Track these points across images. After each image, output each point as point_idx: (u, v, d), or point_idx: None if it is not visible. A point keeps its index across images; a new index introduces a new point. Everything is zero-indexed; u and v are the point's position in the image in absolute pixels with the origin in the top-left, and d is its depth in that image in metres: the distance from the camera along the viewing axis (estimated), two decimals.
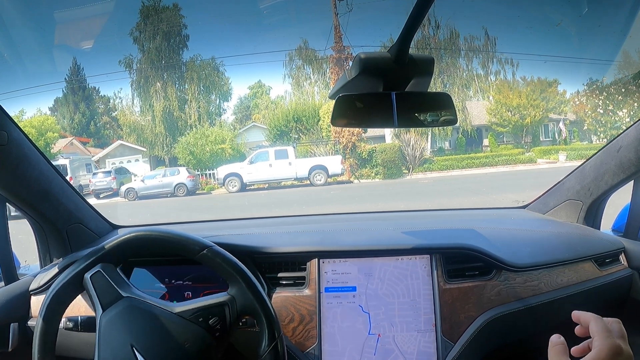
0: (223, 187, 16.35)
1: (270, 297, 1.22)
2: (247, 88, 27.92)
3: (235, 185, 16.03)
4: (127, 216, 11.31)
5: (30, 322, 1.25)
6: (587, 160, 1.55)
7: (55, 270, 1.30)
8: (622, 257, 1.43)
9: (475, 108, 20.53)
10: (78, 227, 1.48)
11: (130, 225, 1.75)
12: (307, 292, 1.23)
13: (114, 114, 25.94)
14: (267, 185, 16.45)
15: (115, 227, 1.68)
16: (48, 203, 1.35)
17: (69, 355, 1.20)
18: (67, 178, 1.31)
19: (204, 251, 1.00)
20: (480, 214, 2.06)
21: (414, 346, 1.19)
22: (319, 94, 21.51)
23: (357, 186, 15.98)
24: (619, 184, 1.43)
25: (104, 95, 27.40)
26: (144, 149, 21.23)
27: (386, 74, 0.88)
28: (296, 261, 1.27)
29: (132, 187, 16.12)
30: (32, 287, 1.29)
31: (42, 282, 1.28)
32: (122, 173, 18.13)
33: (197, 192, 16.62)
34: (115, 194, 16.51)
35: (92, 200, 13.53)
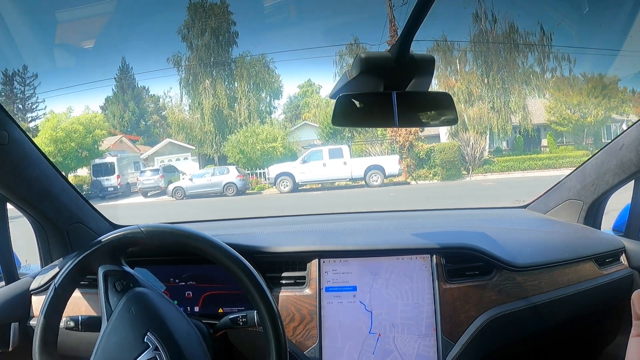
0: (274, 186, 15.74)
1: None
2: (297, 87, 27.77)
3: (287, 185, 15.41)
4: (174, 216, 11.22)
5: (31, 322, 1.25)
6: (588, 160, 1.55)
7: (56, 270, 1.31)
8: (622, 257, 1.44)
9: (533, 106, 19.63)
10: (79, 226, 1.48)
11: (130, 225, 1.69)
12: (307, 291, 1.23)
13: (163, 113, 25.97)
14: (320, 185, 15.78)
15: (116, 227, 1.67)
16: (49, 203, 1.35)
17: (70, 354, 1.20)
18: (115, 176, 1.32)
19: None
20: (481, 213, 2.07)
21: (414, 349, 1.19)
22: None
23: (416, 188, 15.22)
24: (620, 183, 1.43)
25: (154, 95, 27.64)
26: (193, 147, 20.81)
27: (387, 74, 0.88)
28: (297, 261, 1.27)
29: (180, 186, 15.74)
30: (32, 286, 1.30)
31: (42, 282, 1.29)
32: (170, 171, 17.86)
33: (247, 191, 16.02)
34: (163, 192, 16.20)
35: (139, 199, 13.44)
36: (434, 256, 1.24)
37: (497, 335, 1.23)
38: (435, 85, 18.36)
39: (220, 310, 1.26)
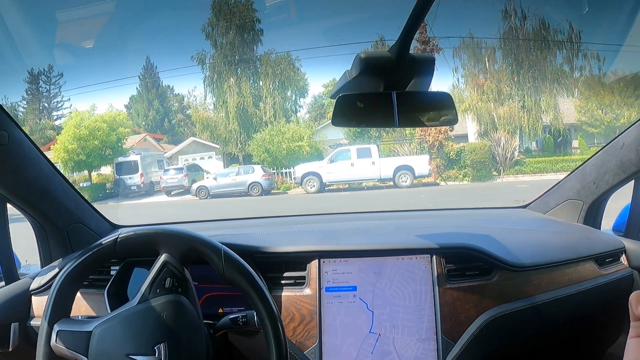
0: (300, 186, 15.37)
1: None
2: (322, 86, 27.67)
3: (314, 185, 15.01)
4: (196, 217, 10.82)
5: (31, 322, 1.26)
6: (588, 159, 1.55)
7: (56, 270, 1.31)
8: (622, 257, 1.43)
9: (562, 105, 18.95)
10: (79, 226, 1.48)
11: (131, 225, 1.74)
12: (307, 291, 1.23)
13: (187, 112, 25.77)
14: (347, 185, 15.40)
15: (116, 227, 1.69)
16: (48, 203, 1.35)
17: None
18: (138, 174, 1.31)
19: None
20: (481, 213, 2.07)
21: (412, 352, 1.19)
22: None
23: (446, 189, 14.66)
24: (620, 183, 1.43)
25: (178, 94, 27.65)
26: (217, 146, 20.43)
27: (387, 74, 0.88)
28: (297, 261, 1.27)
29: (204, 185, 15.42)
30: (32, 286, 1.30)
31: (42, 282, 1.29)
32: (194, 170, 17.57)
33: (272, 191, 15.61)
34: (187, 191, 15.89)
35: (162, 198, 13.23)
36: (434, 256, 1.25)
37: (497, 335, 1.23)
38: (463, 84, 17.91)
39: (220, 310, 1.27)
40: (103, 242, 1.00)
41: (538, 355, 1.52)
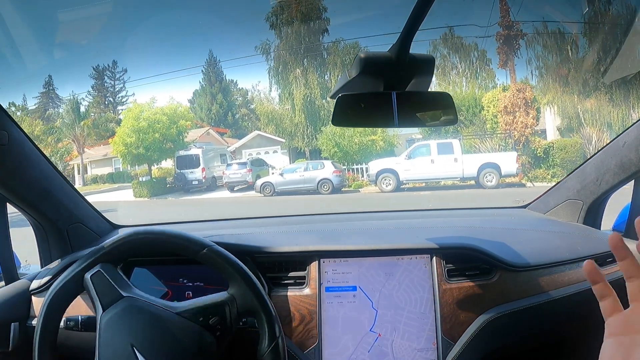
0: (374, 184, 14.11)
1: (270, 296, 1.22)
2: None
3: (390, 184, 13.66)
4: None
5: (31, 322, 1.25)
6: (588, 159, 1.55)
7: (56, 270, 1.31)
8: None
9: None
10: (79, 226, 1.48)
11: (131, 225, 1.77)
12: (307, 291, 1.23)
13: (251, 106, 25.49)
14: (424, 184, 14.17)
15: (116, 227, 1.69)
16: (48, 203, 1.36)
17: (70, 355, 1.19)
18: (200, 169, 1.32)
19: (204, 250, 1.01)
20: (481, 213, 2.08)
21: (410, 357, 1.19)
22: (471, 83, 18.39)
23: (534, 191, 12.79)
24: (620, 183, 1.43)
25: (242, 88, 27.49)
26: (283, 140, 19.59)
27: (387, 74, 0.89)
28: (297, 261, 1.28)
29: (269, 181, 14.55)
30: (32, 287, 1.30)
31: (42, 282, 1.29)
32: (258, 165, 16.79)
33: (343, 189, 14.55)
34: (250, 187, 15.10)
35: (224, 194, 12.77)
36: (434, 256, 1.25)
37: (497, 335, 1.23)
38: (544, 74, 16.47)
39: None
40: (106, 245, 1.02)
41: (538, 355, 1.51)
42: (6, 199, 1.28)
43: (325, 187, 14.05)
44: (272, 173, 16.07)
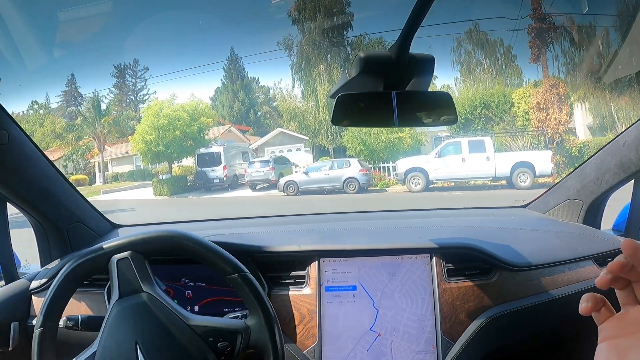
0: (402, 184, 13.48)
1: (270, 296, 1.22)
2: None
3: (419, 183, 13.08)
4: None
5: (31, 322, 1.25)
6: (588, 159, 1.55)
7: (56, 269, 1.31)
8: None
9: None
10: (79, 226, 1.48)
11: (131, 225, 1.76)
12: (307, 291, 1.24)
13: (274, 104, 25.20)
14: (453, 184, 13.48)
15: (116, 227, 1.69)
16: (49, 202, 1.36)
17: (69, 354, 1.16)
18: (221, 167, 1.32)
19: (236, 275, 1.01)
20: (481, 213, 2.08)
21: (408, 359, 1.20)
22: (497, 80, 17.77)
23: None
24: (620, 183, 1.43)
25: (264, 86, 27.24)
26: (306, 138, 18.87)
27: (386, 73, 0.89)
28: (296, 260, 1.28)
29: (293, 180, 13.99)
30: (32, 286, 1.30)
31: (42, 282, 1.29)
32: (281, 163, 16.24)
33: (369, 188, 13.88)
34: (273, 186, 14.58)
35: (246, 192, 12.35)
36: (434, 256, 1.25)
37: (496, 335, 1.23)
38: (571, 70, 15.29)
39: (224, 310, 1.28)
40: (104, 246, 1.01)
41: (537, 355, 1.51)
42: (6, 199, 1.28)
43: (352, 186, 13.50)
44: (296, 171, 15.64)
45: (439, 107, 0.96)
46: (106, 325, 0.95)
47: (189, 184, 16.95)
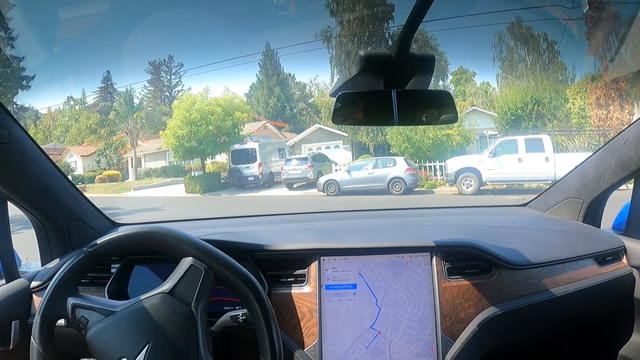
0: (452, 185, 12.70)
1: (270, 294, 1.22)
2: (450, 74, 25.71)
3: (472, 185, 12.14)
4: None
5: (32, 320, 1.21)
6: (588, 158, 1.56)
7: (56, 268, 1.31)
8: (622, 256, 1.44)
9: None
10: (79, 224, 1.48)
11: (131, 223, 1.76)
12: (307, 289, 1.24)
13: (310, 100, 25.16)
14: (505, 186, 12.47)
15: (116, 225, 1.69)
16: (49, 201, 1.36)
17: (68, 353, 1.20)
18: (256, 164, 1.32)
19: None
20: (481, 212, 2.08)
21: (406, 359, 1.20)
22: (541, 76, 17.22)
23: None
24: (620, 182, 1.44)
25: (300, 82, 27.21)
26: (346, 134, 18.06)
27: (387, 72, 0.90)
28: (297, 259, 1.28)
29: (333, 179, 13.24)
30: (33, 285, 1.30)
31: (42, 280, 1.30)
32: (320, 160, 15.62)
33: (415, 189, 12.98)
34: (311, 185, 13.99)
35: (282, 191, 12.05)
36: (434, 254, 1.25)
37: (496, 333, 1.23)
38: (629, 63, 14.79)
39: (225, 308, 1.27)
40: (98, 242, 1.02)
41: (537, 353, 1.53)
42: (7, 197, 1.28)
43: (397, 186, 12.59)
44: (336, 170, 15.01)
45: (440, 106, 0.96)
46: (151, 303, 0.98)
47: (222, 181, 16.52)
